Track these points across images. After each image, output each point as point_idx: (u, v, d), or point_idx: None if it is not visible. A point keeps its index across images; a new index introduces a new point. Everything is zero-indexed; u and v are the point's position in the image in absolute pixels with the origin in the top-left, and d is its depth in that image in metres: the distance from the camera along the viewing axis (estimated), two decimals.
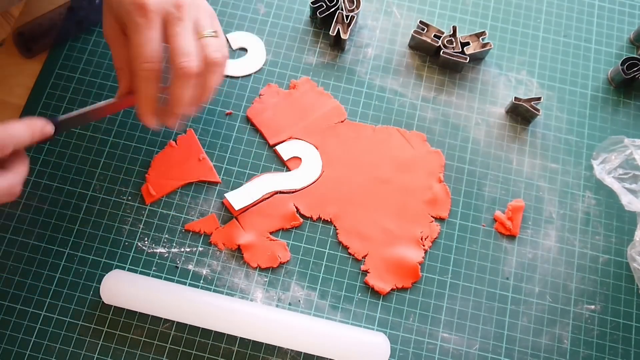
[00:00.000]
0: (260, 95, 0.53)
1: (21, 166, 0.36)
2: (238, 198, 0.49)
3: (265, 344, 0.45)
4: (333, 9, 0.55)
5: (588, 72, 0.57)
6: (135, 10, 0.38)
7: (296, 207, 0.49)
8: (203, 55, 0.40)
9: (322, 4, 0.55)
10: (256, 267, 0.47)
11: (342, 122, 0.53)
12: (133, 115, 0.52)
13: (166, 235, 0.48)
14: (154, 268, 0.47)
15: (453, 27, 0.55)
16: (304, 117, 0.52)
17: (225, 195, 0.49)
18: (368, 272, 0.48)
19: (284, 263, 0.48)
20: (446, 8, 0.59)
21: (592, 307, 0.48)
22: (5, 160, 0.36)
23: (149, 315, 0.45)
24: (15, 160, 0.36)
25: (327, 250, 0.49)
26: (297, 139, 0.52)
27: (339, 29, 0.54)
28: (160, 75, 0.40)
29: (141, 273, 0.47)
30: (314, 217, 0.49)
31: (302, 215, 0.49)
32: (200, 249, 0.48)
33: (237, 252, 0.48)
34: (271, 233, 0.48)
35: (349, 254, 0.48)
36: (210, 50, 0.40)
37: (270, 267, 0.47)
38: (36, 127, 0.36)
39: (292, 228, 0.49)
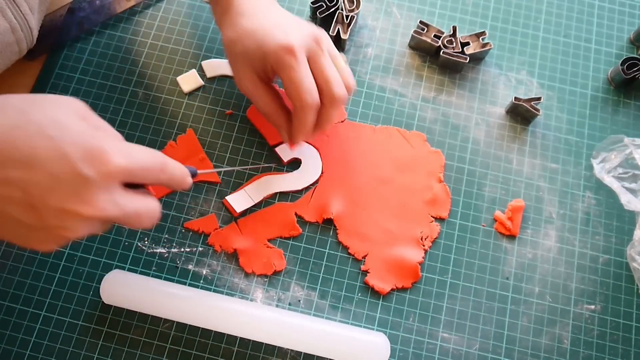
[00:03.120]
0: None
1: (156, 200, 0.35)
2: (238, 200, 0.48)
3: (265, 344, 0.45)
4: (333, 9, 0.55)
5: (588, 72, 0.56)
6: (284, 53, 0.41)
7: (299, 215, 0.49)
8: (346, 84, 0.45)
9: (322, 4, 0.55)
10: (251, 273, 0.47)
11: (342, 122, 0.53)
12: (133, 115, 0.52)
13: (166, 235, 0.48)
14: (154, 268, 0.47)
15: (453, 27, 0.55)
16: None
17: (226, 197, 0.49)
18: (368, 272, 0.48)
19: (278, 271, 0.48)
20: (446, 8, 0.59)
21: (592, 307, 0.48)
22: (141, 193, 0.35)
23: (149, 315, 0.45)
24: (149, 194, 0.35)
25: (327, 250, 0.49)
26: None
27: (339, 29, 0.54)
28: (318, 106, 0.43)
29: (141, 273, 0.47)
30: (320, 221, 0.49)
31: (306, 222, 0.49)
32: (200, 249, 0.48)
33: (235, 255, 0.48)
34: (269, 240, 0.48)
35: (349, 254, 0.48)
36: (349, 79, 0.46)
37: (265, 274, 0.47)
38: (184, 171, 0.36)
39: (291, 237, 0.49)
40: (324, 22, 0.56)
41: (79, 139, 0.28)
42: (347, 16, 0.54)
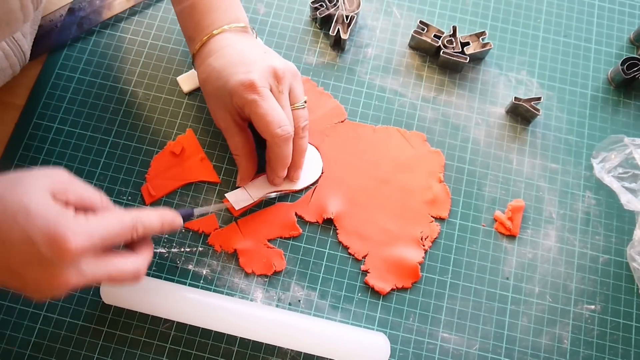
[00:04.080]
0: None
1: (147, 251, 0.39)
2: (238, 198, 0.49)
3: (265, 344, 0.45)
4: (333, 9, 0.55)
5: (588, 72, 0.56)
6: (247, 91, 0.42)
7: (299, 215, 0.49)
8: (296, 124, 0.46)
9: (322, 4, 0.55)
10: (251, 273, 0.47)
11: (342, 122, 0.53)
12: (133, 115, 0.52)
13: (166, 235, 0.48)
14: (154, 268, 0.47)
15: (453, 27, 0.55)
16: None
17: (225, 195, 0.49)
18: (368, 272, 0.48)
19: (278, 271, 0.48)
20: (446, 8, 0.59)
21: (592, 307, 0.48)
22: (133, 244, 0.39)
23: (149, 315, 0.45)
24: (142, 245, 0.39)
25: (327, 250, 0.49)
26: None
27: (339, 29, 0.54)
28: (292, 138, 0.44)
29: None
30: (319, 221, 0.49)
31: (306, 222, 0.49)
32: (200, 249, 0.48)
33: (235, 255, 0.48)
34: (269, 240, 0.48)
35: (349, 254, 0.48)
36: (302, 120, 0.46)
37: (265, 274, 0.47)
38: (167, 219, 0.39)
39: (291, 237, 0.49)
40: (324, 22, 0.56)
41: (43, 225, 0.32)
42: (347, 16, 0.54)
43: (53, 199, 0.33)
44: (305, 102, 0.47)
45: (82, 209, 0.35)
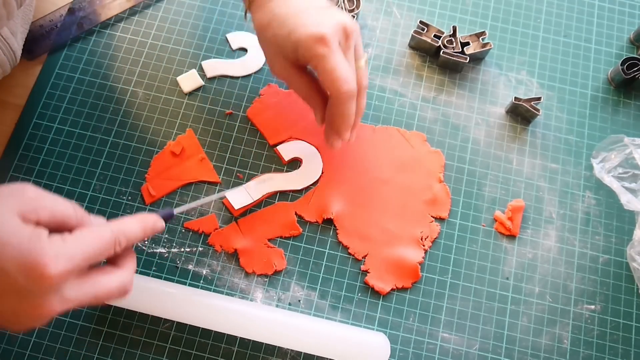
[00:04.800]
0: (260, 95, 0.53)
1: (130, 262, 0.36)
2: (238, 198, 0.49)
3: (265, 344, 0.45)
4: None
5: (588, 72, 0.56)
6: (317, 43, 0.40)
7: (299, 215, 0.49)
8: (359, 82, 0.43)
9: None
10: (251, 273, 0.47)
11: None
12: (133, 115, 0.52)
13: (166, 235, 0.48)
14: (154, 268, 0.47)
15: (453, 27, 0.55)
16: (304, 117, 0.52)
17: (225, 194, 0.49)
18: (368, 272, 0.48)
19: (279, 271, 0.48)
20: (446, 8, 0.59)
21: (592, 307, 0.48)
22: (116, 257, 0.36)
23: (149, 315, 0.45)
24: (125, 256, 0.36)
25: (327, 250, 0.49)
26: (297, 139, 0.52)
27: None
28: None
29: (141, 273, 0.47)
30: (319, 221, 0.49)
31: (306, 222, 0.49)
32: (200, 249, 0.48)
33: (235, 255, 0.48)
34: (269, 240, 0.48)
35: (349, 254, 0.48)
36: (364, 77, 0.44)
37: (265, 274, 0.47)
38: (148, 224, 0.36)
39: (291, 237, 0.49)
40: None
41: (16, 253, 0.29)
42: None
43: (22, 221, 0.30)
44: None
45: (55, 227, 0.31)
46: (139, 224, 0.35)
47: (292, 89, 0.46)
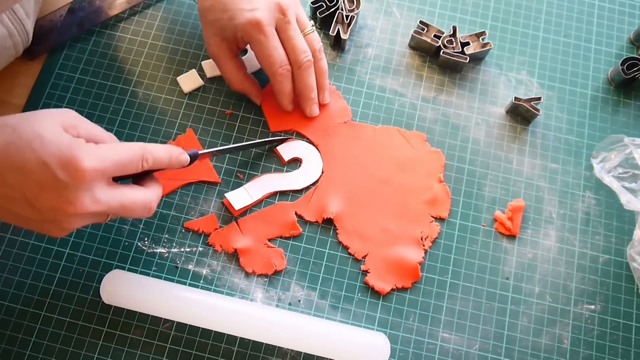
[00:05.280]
0: None
1: (157, 187, 0.40)
2: (238, 198, 0.49)
3: (265, 344, 0.45)
4: (333, 9, 0.55)
5: (588, 72, 0.56)
6: (253, 28, 0.46)
7: (299, 215, 0.49)
8: (312, 48, 0.49)
9: (322, 4, 0.55)
10: (251, 273, 0.47)
11: (344, 122, 0.53)
12: (133, 115, 0.52)
13: (166, 235, 0.48)
14: (154, 268, 0.47)
15: (453, 27, 0.55)
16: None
17: (225, 195, 0.49)
18: (368, 272, 0.48)
19: (279, 271, 0.48)
20: (446, 8, 0.59)
21: (592, 307, 0.48)
22: (142, 182, 0.40)
23: (149, 315, 0.45)
24: (151, 182, 0.40)
25: (327, 250, 0.49)
26: (297, 132, 0.52)
27: (339, 29, 0.54)
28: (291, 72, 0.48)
29: (141, 273, 0.47)
30: (319, 221, 0.49)
31: (306, 222, 0.49)
32: (200, 249, 0.48)
33: (235, 255, 0.48)
34: (269, 240, 0.48)
35: (349, 254, 0.48)
36: (315, 43, 0.50)
37: (265, 274, 0.47)
38: (174, 152, 0.40)
39: (291, 237, 0.49)
40: (324, 22, 0.56)
41: (56, 150, 0.33)
42: (347, 16, 0.54)
43: (64, 131, 0.34)
44: (313, 26, 0.50)
45: (92, 142, 0.36)
46: (166, 150, 0.39)
47: (222, 70, 0.50)
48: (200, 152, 0.43)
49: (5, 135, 0.34)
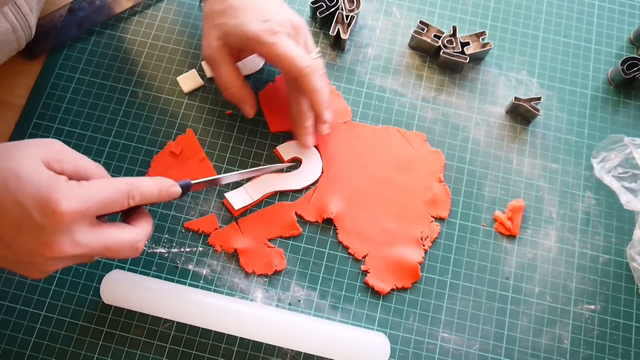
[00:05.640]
0: (275, 80, 0.54)
1: (145, 224, 0.38)
2: (238, 198, 0.49)
3: (265, 344, 0.45)
4: (333, 9, 0.55)
5: (588, 72, 0.56)
6: (266, 35, 0.44)
7: (299, 215, 0.49)
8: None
9: (322, 4, 0.55)
10: (251, 273, 0.47)
11: (345, 122, 0.53)
12: (133, 115, 0.52)
13: (166, 235, 0.48)
14: (154, 268, 0.47)
15: (453, 27, 0.55)
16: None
17: (225, 195, 0.49)
18: (368, 272, 0.48)
19: (279, 271, 0.48)
20: (446, 8, 0.59)
21: (592, 307, 0.48)
22: (131, 218, 0.38)
23: (149, 315, 0.45)
24: (140, 217, 0.38)
25: (327, 250, 0.49)
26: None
27: (339, 29, 0.54)
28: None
29: (141, 273, 0.47)
30: (319, 221, 0.49)
31: (306, 222, 0.49)
32: (200, 249, 0.48)
33: (235, 255, 0.48)
34: (269, 240, 0.48)
35: (349, 254, 0.48)
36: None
37: (265, 274, 0.47)
38: (164, 185, 0.38)
39: (291, 237, 0.49)
40: (324, 22, 0.56)
41: (33, 190, 0.31)
42: (347, 16, 0.54)
43: (46, 167, 0.32)
44: (318, 52, 0.48)
45: (77, 178, 0.34)
46: (155, 184, 0.37)
47: (218, 74, 0.48)
48: (192, 182, 0.41)
49: None
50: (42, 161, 0.32)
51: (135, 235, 0.36)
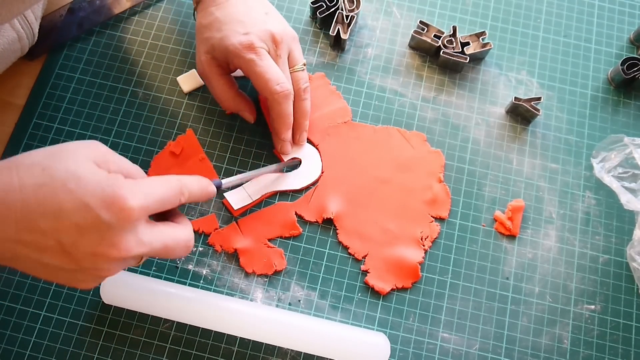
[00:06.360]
0: None
1: (188, 222, 0.37)
2: (237, 198, 0.49)
3: (265, 344, 0.45)
4: (333, 9, 0.55)
5: (588, 72, 0.56)
6: (244, 50, 0.44)
7: (299, 215, 0.49)
8: (296, 87, 0.47)
9: (322, 4, 0.55)
10: (251, 273, 0.47)
11: (345, 123, 0.53)
12: (133, 115, 0.52)
13: None
14: (154, 268, 0.47)
15: (453, 27, 0.55)
16: (311, 111, 0.52)
17: (225, 195, 0.49)
18: (368, 272, 0.48)
19: (279, 271, 0.48)
20: (446, 8, 0.59)
21: (592, 307, 0.48)
22: (172, 218, 0.37)
23: (149, 315, 0.45)
24: (180, 216, 0.37)
25: (327, 250, 0.49)
26: None
27: (339, 29, 0.54)
28: (291, 95, 0.46)
29: (141, 273, 0.47)
30: (319, 221, 0.49)
31: (306, 222, 0.49)
32: (200, 249, 0.48)
33: (235, 255, 0.48)
34: (269, 240, 0.48)
35: (349, 254, 0.48)
36: (301, 83, 0.48)
37: (265, 274, 0.47)
38: (204, 184, 0.38)
39: (291, 237, 0.49)
40: (324, 22, 0.56)
41: (97, 189, 0.30)
42: (347, 16, 0.54)
43: (97, 167, 0.32)
44: (304, 64, 0.48)
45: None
46: (198, 183, 0.37)
47: (211, 88, 0.48)
48: (223, 181, 0.42)
49: (33, 176, 0.30)
50: (93, 162, 0.32)
51: (187, 233, 0.36)
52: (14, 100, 0.52)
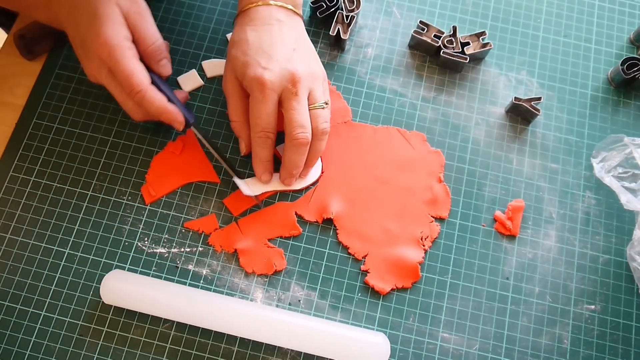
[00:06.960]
0: None
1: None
2: (248, 184, 0.48)
3: (265, 344, 0.45)
4: (333, 9, 0.55)
5: (588, 72, 0.56)
6: (256, 86, 0.44)
7: (299, 215, 0.49)
8: (314, 125, 0.46)
9: (322, 4, 0.55)
10: (251, 273, 0.47)
11: (345, 122, 0.53)
12: None
13: (166, 235, 0.48)
14: (154, 268, 0.47)
15: (453, 27, 0.55)
16: None
17: (234, 179, 0.48)
18: (368, 272, 0.48)
19: (279, 271, 0.48)
20: (446, 8, 0.59)
21: (592, 307, 0.48)
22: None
23: (149, 315, 0.45)
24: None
25: (327, 250, 0.49)
26: None
27: (339, 29, 0.54)
28: (274, 142, 0.46)
29: (141, 273, 0.47)
30: (319, 221, 0.49)
31: (307, 222, 0.49)
32: (200, 249, 0.48)
33: (235, 254, 0.48)
34: (269, 240, 0.48)
35: (349, 254, 0.48)
36: (320, 121, 0.46)
37: (265, 274, 0.47)
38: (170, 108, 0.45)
39: (291, 237, 0.49)
40: (324, 22, 0.56)
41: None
42: (347, 16, 0.54)
43: None
44: (326, 103, 0.47)
45: None
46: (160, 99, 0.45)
47: (231, 107, 0.48)
48: (192, 120, 0.47)
49: None
50: None
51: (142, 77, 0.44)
52: (14, 100, 0.52)
